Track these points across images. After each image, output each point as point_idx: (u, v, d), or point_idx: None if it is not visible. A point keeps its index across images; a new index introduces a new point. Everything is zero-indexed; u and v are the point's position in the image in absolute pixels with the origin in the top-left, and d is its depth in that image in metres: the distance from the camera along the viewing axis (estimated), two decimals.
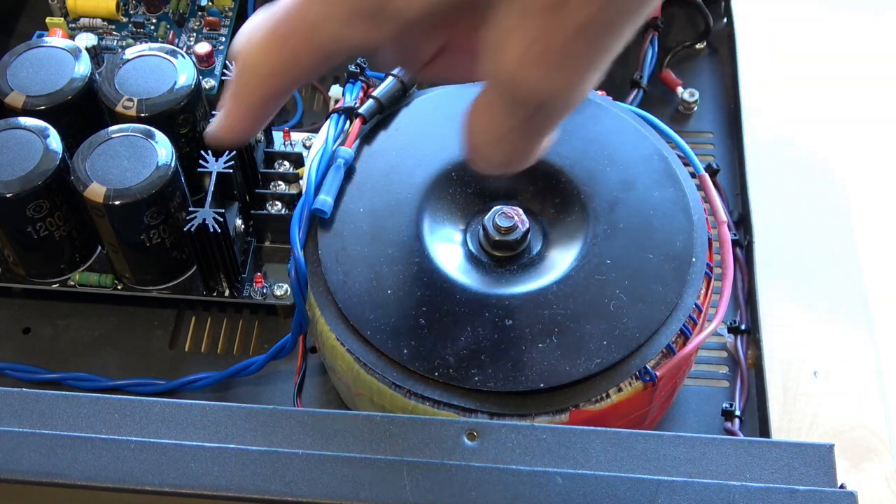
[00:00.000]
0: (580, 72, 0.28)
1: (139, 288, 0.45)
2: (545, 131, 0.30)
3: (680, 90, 0.52)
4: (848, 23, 0.68)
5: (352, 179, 0.40)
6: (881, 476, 0.40)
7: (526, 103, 0.28)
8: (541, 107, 0.29)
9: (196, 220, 0.41)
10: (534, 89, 0.28)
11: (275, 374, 0.44)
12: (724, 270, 0.38)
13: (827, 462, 0.30)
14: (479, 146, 0.31)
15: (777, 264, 0.46)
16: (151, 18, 0.53)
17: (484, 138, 0.30)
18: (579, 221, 0.39)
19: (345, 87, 0.42)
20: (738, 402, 0.43)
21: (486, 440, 0.31)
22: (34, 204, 0.42)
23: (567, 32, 0.27)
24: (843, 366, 0.43)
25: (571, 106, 0.29)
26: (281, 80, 0.31)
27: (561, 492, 0.30)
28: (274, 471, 0.30)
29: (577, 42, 0.27)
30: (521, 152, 0.31)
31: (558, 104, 0.29)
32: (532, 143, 0.31)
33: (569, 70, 0.28)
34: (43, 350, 0.45)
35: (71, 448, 0.31)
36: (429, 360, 0.35)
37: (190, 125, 0.44)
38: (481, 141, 0.30)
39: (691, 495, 0.29)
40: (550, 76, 0.27)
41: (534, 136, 0.30)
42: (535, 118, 0.29)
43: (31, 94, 0.44)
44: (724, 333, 0.45)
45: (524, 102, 0.28)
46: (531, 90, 0.28)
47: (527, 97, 0.28)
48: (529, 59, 0.27)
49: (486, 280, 0.38)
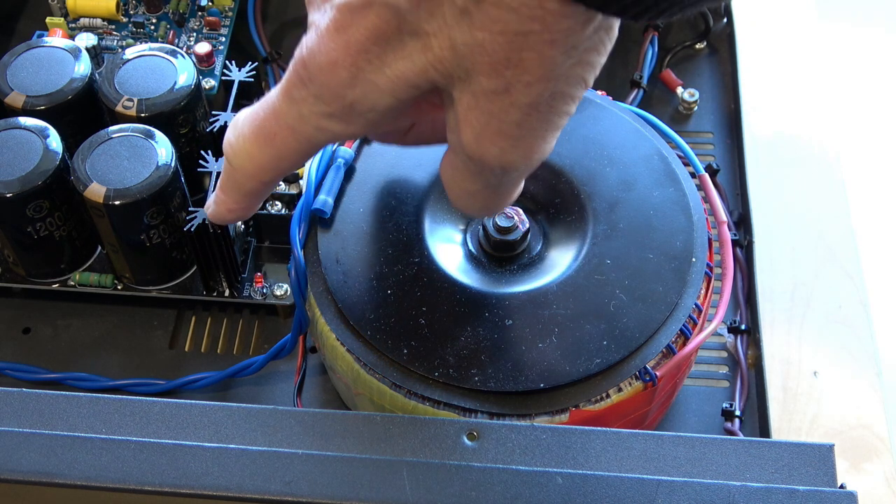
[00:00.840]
0: (538, 141, 0.29)
1: (139, 288, 0.45)
2: (514, 190, 0.33)
3: (680, 90, 0.52)
4: (848, 23, 0.68)
5: (352, 179, 0.40)
6: (881, 476, 0.40)
7: (488, 171, 0.30)
8: (503, 174, 0.30)
9: (196, 220, 0.41)
10: (494, 161, 0.29)
11: (275, 374, 0.44)
12: (724, 270, 0.38)
13: (827, 462, 0.30)
14: (454, 199, 0.33)
15: (777, 264, 0.46)
16: (151, 18, 0.53)
17: (455, 194, 0.32)
18: (579, 221, 0.39)
19: None
20: (738, 402, 0.43)
21: (486, 440, 0.31)
22: (34, 204, 0.42)
23: (519, 110, 0.28)
24: (843, 366, 0.43)
25: (534, 167, 0.31)
26: (268, 174, 0.33)
27: (561, 492, 0.30)
28: (274, 471, 0.30)
29: (529, 117, 0.28)
30: (494, 204, 0.33)
31: (520, 170, 0.30)
32: (504, 199, 0.33)
33: (526, 142, 0.29)
34: (43, 350, 0.45)
35: (71, 448, 0.31)
36: (429, 360, 0.35)
37: (190, 125, 0.44)
38: (454, 196, 0.33)
39: (691, 495, 0.29)
40: (508, 150, 0.29)
41: (504, 194, 0.32)
42: (501, 182, 0.31)
43: (31, 94, 0.44)
44: (724, 333, 0.45)
45: (487, 171, 0.30)
46: (492, 162, 0.30)
47: (488, 167, 0.30)
48: (486, 136, 0.29)
49: (486, 280, 0.38)
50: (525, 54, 0.27)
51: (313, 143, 0.32)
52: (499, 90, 0.28)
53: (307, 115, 0.30)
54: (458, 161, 0.31)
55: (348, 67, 0.29)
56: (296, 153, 0.32)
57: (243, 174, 0.33)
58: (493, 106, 0.28)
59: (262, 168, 0.33)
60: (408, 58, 0.28)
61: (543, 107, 0.28)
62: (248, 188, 0.34)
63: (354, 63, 0.29)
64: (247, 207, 0.35)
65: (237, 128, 0.33)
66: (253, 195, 0.35)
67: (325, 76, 0.29)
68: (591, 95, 0.42)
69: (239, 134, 0.33)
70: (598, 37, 0.28)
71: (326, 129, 0.31)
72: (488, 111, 0.28)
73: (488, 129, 0.29)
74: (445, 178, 0.32)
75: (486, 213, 0.36)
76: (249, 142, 0.32)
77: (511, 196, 0.33)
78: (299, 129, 0.31)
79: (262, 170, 0.33)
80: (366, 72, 0.29)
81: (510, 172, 0.30)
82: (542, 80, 0.27)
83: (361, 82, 0.29)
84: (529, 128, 0.29)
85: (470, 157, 0.30)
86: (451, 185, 0.32)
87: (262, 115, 0.32)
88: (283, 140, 0.31)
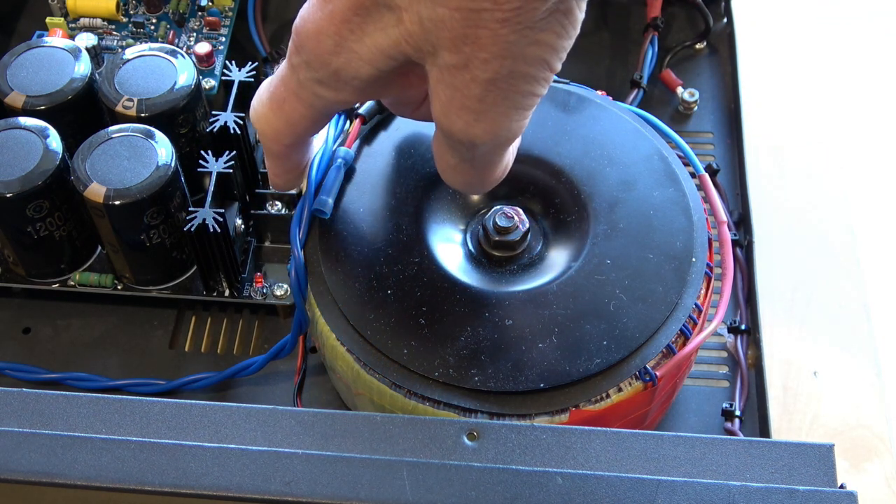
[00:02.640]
0: (500, 118, 0.31)
1: (139, 288, 0.45)
2: (490, 166, 0.34)
3: (680, 90, 0.52)
4: (848, 23, 0.68)
5: (352, 179, 0.40)
6: (881, 476, 0.40)
7: (459, 145, 0.32)
8: (473, 147, 0.32)
9: (196, 220, 0.41)
10: (460, 134, 0.31)
11: (275, 374, 0.44)
12: (724, 270, 0.38)
13: (827, 462, 0.30)
14: (440, 173, 0.35)
15: (777, 264, 0.46)
16: (151, 18, 0.53)
17: (440, 167, 0.35)
18: (579, 221, 0.39)
19: None
20: (738, 402, 0.43)
21: (486, 440, 0.31)
22: (34, 204, 0.42)
23: (479, 86, 0.30)
24: (843, 366, 0.43)
25: (505, 144, 0.32)
26: (286, 138, 0.35)
27: (561, 492, 0.30)
28: (274, 471, 0.30)
29: (490, 93, 0.30)
30: (476, 181, 0.35)
31: (489, 145, 0.32)
32: (483, 174, 0.34)
33: (489, 117, 0.30)
34: (43, 350, 0.45)
35: (71, 448, 0.31)
36: (429, 360, 0.35)
37: (190, 125, 0.44)
38: (440, 169, 0.35)
39: (691, 495, 0.29)
40: (472, 123, 0.31)
41: (481, 169, 0.34)
42: (474, 156, 0.32)
43: (31, 94, 0.44)
44: (724, 333, 0.45)
45: (458, 144, 0.32)
46: (458, 135, 0.31)
47: (458, 140, 0.31)
48: (452, 110, 0.30)
49: (486, 280, 0.38)
50: (480, 31, 0.28)
51: (317, 110, 0.34)
52: (459, 65, 0.29)
53: (303, 80, 0.33)
54: (437, 134, 0.33)
55: (332, 35, 0.31)
56: (303, 118, 0.34)
57: (265, 138, 0.35)
58: (456, 80, 0.30)
59: (279, 132, 0.35)
60: (383, 30, 0.30)
61: (502, 83, 0.30)
62: (274, 151, 0.36)
63: (338, 32, 0.31)
64: (287, 172, 0.37)
65: (258, 94, 0.35)
66: (284, 158, 0.37)
67: (312, 43, 0.31)
68: (591, 95, 0.42)
69: (258, 100, 0.35)
70: (554, 18, 0.29)
71: (321, 96, 0.33)
72: (452, 85, 0.30)
73: (453, 102, 0.30)
74: (433, 152, 0.34)
75: (471, 190, 0.37)
76: (266, 106, 0.35)
77: (490, 174, 0.34)
78: (301, 95, 0.33)
79: (279, 133, 0.35)
80: (348, 41, 0.31)
81: (478, 146, 0.32)
82: (498, 56, 0.29)
83: (345, 51, 0.31)
84: (491, 103, 0.30)
85: (440, 129, 0.32)
86: (436, 159, 0.34)
87: (275, 82, 0.34)
88: (291, 105, 0.34)
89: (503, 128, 0.31)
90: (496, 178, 0.35)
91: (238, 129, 0.43)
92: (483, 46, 0.29)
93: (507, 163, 0.35)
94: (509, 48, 0.29)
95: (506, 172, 0.35)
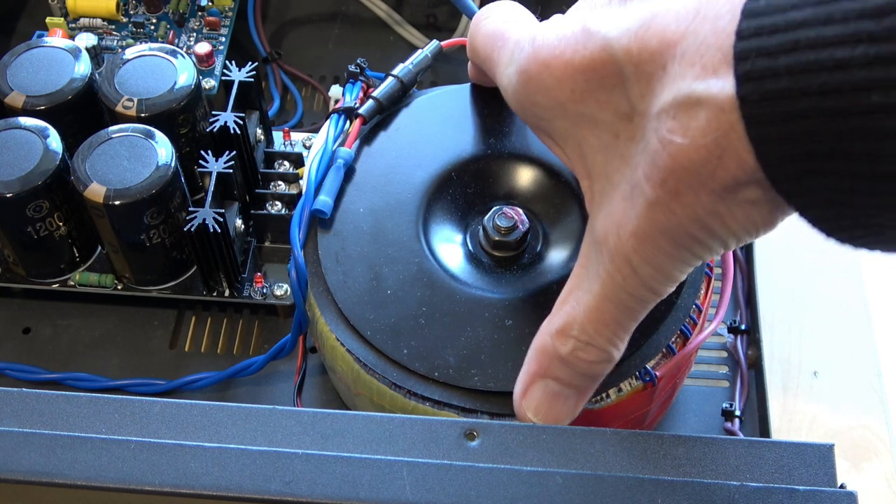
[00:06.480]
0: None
1: (139, 288, 0.45)
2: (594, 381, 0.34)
3: None
4: None
5: (352, 179, 0.40)
6: (881, 476, 0.40)
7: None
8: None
9: (196, 220, 0.41)
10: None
11: (275, 374, 0.44)
12: (724, 270, 0.38)
13: (827, 462, 0.30)
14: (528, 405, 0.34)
15: (777, 264, 0.46)
16: (151, 18, 0.53)
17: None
18: (579, 221, 0.39)
19: (345, 88, 0.42)
20: (738, 402, 0.43)
21: (486, 440, 0.31)
22: (34, 204, 0.42)
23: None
24: (843, 366, 0.43)
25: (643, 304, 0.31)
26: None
27: (561, 492, 0.30)
28: (274, 471, 0.30)
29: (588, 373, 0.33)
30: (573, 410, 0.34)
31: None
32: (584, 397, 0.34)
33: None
34: (43, 350, 0.45)
35: (71, 448, 0.31)
36: (429, 360, 0.35)
37: (190, 125, 0.44)
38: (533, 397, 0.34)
39: (691, 495, 0.29)
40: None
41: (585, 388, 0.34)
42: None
43: (31, 94, 0.44)
44: (724, 333, 0.45)
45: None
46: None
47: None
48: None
49: (487, 280, 0.38)
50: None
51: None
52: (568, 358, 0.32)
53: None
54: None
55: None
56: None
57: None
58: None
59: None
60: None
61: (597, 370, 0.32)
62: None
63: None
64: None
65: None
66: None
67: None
68: None
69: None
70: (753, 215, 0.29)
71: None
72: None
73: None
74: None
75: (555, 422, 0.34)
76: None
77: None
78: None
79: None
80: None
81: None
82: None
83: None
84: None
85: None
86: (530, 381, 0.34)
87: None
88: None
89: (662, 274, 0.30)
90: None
91: (238, 129, 0.43)
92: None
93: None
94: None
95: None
